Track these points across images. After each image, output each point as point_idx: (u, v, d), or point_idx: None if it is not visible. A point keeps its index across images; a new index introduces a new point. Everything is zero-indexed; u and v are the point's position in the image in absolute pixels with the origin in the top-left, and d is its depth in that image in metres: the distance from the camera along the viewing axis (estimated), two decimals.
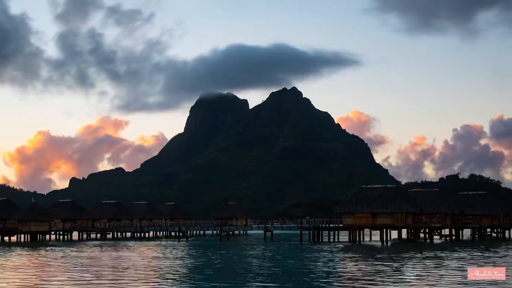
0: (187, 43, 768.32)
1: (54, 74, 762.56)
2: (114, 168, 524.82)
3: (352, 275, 39.52)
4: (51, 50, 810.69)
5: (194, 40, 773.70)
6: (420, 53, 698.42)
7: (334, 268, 45.36)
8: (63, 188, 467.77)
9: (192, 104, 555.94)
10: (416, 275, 38.67)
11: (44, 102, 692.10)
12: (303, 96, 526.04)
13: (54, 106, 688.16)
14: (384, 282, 35.11)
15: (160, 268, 46.60)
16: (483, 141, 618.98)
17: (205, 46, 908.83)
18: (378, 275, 38.62)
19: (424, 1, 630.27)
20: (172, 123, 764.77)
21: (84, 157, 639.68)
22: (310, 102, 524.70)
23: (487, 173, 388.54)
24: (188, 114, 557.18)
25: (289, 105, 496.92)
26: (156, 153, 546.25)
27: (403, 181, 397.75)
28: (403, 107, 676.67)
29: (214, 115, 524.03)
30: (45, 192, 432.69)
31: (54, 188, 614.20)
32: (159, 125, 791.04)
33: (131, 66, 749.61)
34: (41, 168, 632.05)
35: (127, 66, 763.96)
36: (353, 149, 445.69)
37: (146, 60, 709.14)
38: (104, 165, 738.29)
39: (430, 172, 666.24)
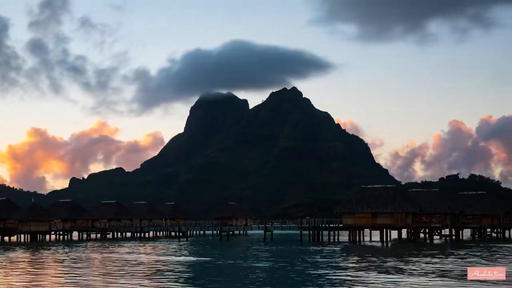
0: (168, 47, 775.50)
1: (29, 81, 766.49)
2: (113, 168, 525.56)
3: (350, 275, 39.53)
4: (27, 58, 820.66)
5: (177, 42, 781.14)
6: (379, 59, 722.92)
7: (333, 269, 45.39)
8: (62, 188, 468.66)
9: (179, 104, 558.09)
10: (416, 275, 38.65)
11: (30, 103, 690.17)
12: (303, 96, 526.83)
13: (49, 107, 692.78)
14: (384, 282, 35.11)
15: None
16: (471, 142, 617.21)
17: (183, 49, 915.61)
18: (378, 275, 38.62)
19: (371, 12, 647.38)
20: (161, 124, 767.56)
21: (76, 157, 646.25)
22: (310, 102, 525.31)
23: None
24: (162, 116, 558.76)
25: (289, 105, 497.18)
26: (155, 153, 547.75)
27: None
28: (379, 110, 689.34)
29: (214, 115, 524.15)
30: (45, 192, 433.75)
31: (48, 187, 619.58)
32: (149, 127, 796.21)
33: (100, 78, 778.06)
34: (34, 167, 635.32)
35: (96, 76, 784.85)
36: (353, 149, 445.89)
37: (124, 67, 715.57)
38: (96, 166, 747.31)
39: (419, 173, 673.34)
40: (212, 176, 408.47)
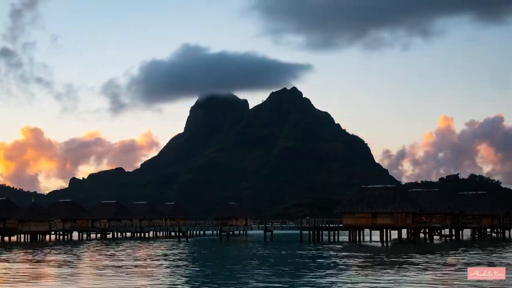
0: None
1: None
2: (114, 168, 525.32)
3: (349, 275, 39.54)
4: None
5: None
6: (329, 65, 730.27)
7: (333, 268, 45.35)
8: (62, 187, 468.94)
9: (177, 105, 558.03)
10: (416, 275, 38.64)
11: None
12: (303, 96, 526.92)
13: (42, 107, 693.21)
14: (384, 282, 35.09)
15: None
16: (458, 142, 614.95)
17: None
18: (377, 275, 38.63)
19: (319, 21, 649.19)
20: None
21: (67, 158, 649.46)
22: (310, 102, 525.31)
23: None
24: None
25: (289, 105, 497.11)
26: (154, 154, 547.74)
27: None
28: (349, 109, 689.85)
29: (214, 115, 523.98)
30: (45, 192, 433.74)
31: (40, 186, 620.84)
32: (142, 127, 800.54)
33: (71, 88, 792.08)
34: (26, 167, 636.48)
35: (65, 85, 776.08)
36: (353, 149, 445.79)
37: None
38: (86, 167, 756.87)
39: (408, 173, 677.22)
40: (212, 176, 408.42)
